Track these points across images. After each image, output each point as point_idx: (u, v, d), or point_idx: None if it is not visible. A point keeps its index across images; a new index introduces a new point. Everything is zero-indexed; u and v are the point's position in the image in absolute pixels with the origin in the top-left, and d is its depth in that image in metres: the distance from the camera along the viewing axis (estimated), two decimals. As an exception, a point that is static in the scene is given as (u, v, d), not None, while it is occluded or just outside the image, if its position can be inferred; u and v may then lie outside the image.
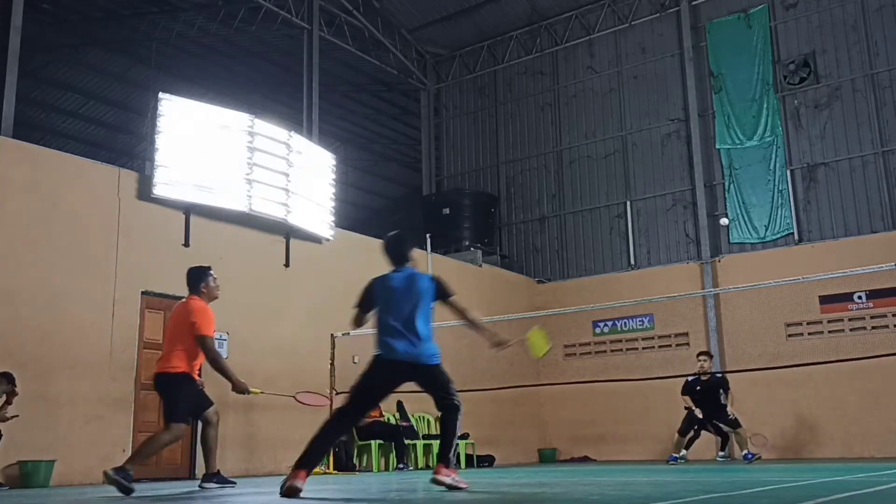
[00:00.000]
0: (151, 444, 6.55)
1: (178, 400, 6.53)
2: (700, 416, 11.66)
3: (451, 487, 5.39)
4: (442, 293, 5.74)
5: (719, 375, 12.37)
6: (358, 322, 5.85)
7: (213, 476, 6.96)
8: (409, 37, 18.97)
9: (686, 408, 11.85)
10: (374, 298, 5.71)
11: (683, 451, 11.94)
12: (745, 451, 11.41)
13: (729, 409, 11.62)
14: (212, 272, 7.09)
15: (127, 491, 6.09)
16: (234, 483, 7.19)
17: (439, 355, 5.73)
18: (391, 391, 5.73)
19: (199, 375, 6.96)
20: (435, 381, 5.68)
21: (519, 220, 18.15)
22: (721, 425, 11.80)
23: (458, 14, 18.31)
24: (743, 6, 15.81)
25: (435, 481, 5.41)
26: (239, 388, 6.79)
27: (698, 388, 11.79)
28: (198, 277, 6.99)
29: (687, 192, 16.02)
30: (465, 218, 17.28)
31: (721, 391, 11.78)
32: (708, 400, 11.70)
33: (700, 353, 12.28)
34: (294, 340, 11.93)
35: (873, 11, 14.59)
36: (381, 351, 5.60)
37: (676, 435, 11.90)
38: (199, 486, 6.97)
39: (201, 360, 6.77)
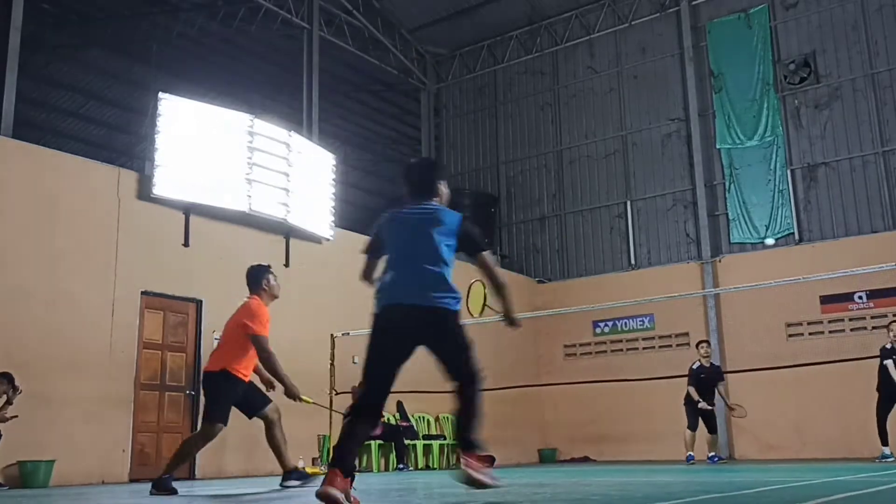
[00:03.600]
0: (187, 447, 6.52)
1: (215, 399, 6.42)
2: (707, 406, 11.55)
3: (481, 485, 4.28)
4: (469, 243, 4.51)
5: (717, 365, 12.43)
6: (367, 272, 4.59)
7: (290, 473, 6.74)
8: (409, 37, 18.96)
9: (686, 402, 11.70)
10: (383, 238, 4.46)
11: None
12: (711, 454, 11.55)
13: (727, 400, 11.68)
14: (272, 271, 6.97)
15: (172, 493, 6.20)
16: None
17: (460, 300, 4.34)
18: (405, 353, 4.39)
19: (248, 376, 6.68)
20: (452, 337, 4.34)
21: (519, 220, 18.15)
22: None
23: (458, 14, 18.30)
24: (743, 6, 15.80)
25: (467, 479, 4.24)
26: (290, 393, 6.58)
27: (702, 375, 11.72)
28: (258, 276, 6.90)
29: (687, 192, 16.02)
30: (465, 218, 17.26)
31: (718, 381, 11.81)
32: (709, 389, 11.68)
33: (700, 342, 12.25)
34: (294, 340, 11.89)
35: (873, 11, 14.58)
36: (380, 298, 4.32)
37: (686, 431, 11.69)
38: (280, 486, 6.77)
39: (251, 360, 6.59)
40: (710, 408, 11.56)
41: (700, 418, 11.67)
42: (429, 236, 4.29)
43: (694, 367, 11.83)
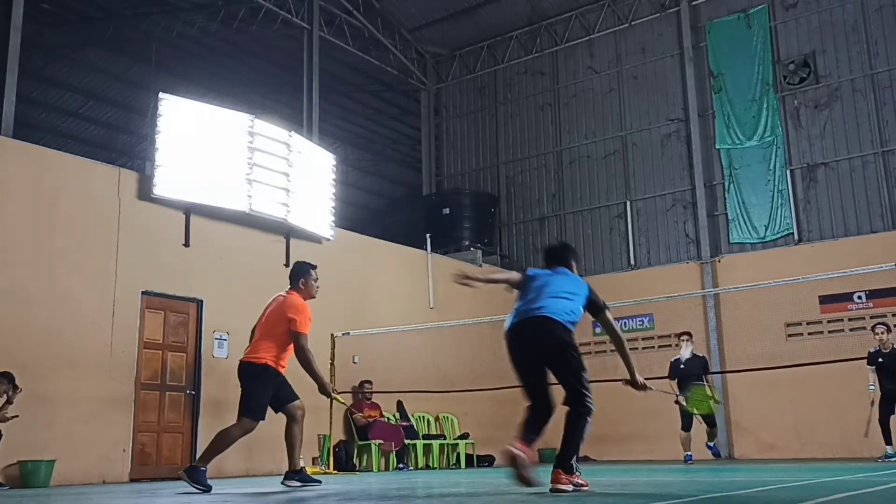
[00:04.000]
0: (222, 440, 6.48)
1: (254, 392, 6.43)
2: (683, 402, 11.16)
3: (560, 492, 4.81)
4: (594, 303, 5.54)
5: (701, 355, 12.04)
6: (509, 284, 5.61)
7: (295, 473, 6.73)
8: (409, 37, 18.97)
9: (676, 401, 11.30)
10: (527, 281, 5.49)
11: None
12: (709, 443, 11.46)
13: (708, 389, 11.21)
14: (315, 270, 6.97)
15: (206, 489, 6.22)
16: (319, 482, 6.91)
17: (573, 327, 5.35)
18: (533, 369, 5.26)
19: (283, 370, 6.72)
20: (566, 364, 5.22)
21: (519, 220, 18.15)
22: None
23: (458, 14, 18.31)
24: (743, 6, 15.80)
25: (554, 490, 4.80)
26: (325, 391, 6.62)
27: (682, 367, 11.51)
28: (300, 272, 6.92)
29: (687, 192, 16.03)
30: (465, 218, 17.28)
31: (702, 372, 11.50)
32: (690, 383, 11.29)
33: (681, 333, 11.98)
34: (294, 340, 11.92)
35: (873, 11, 14.59)
36: (507, 324, 5.35)
37: (681, 433, 11.57)
38: (282, 483, 6.75)
39: (290, 354, 6.60)
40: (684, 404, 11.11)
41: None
42: (566, 289, 5.42)
43: (672, 360, 11.68)
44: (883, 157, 14.17)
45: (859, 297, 13.58)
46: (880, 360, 10.51)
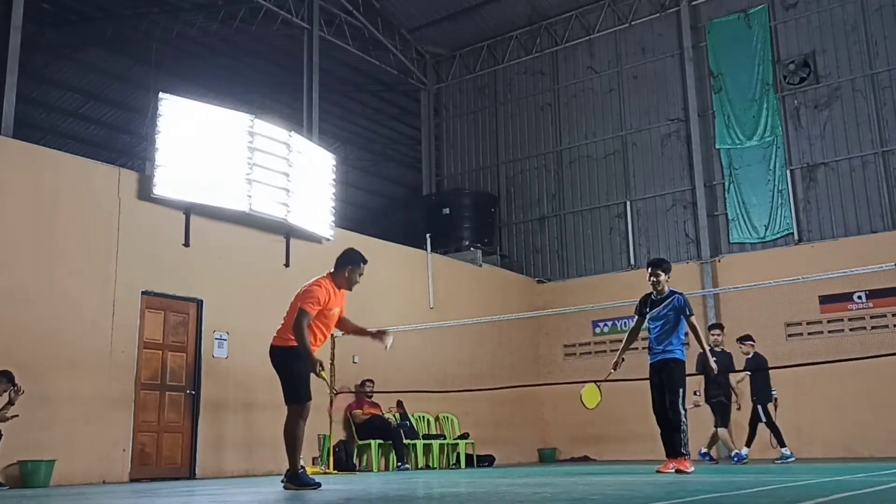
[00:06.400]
0: (292, 437, 6.44)
1: (292, 376, 6.42)
2: (699, 403, 11.02)
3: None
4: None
5: (728, 351, 11.59)
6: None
7: (294, 477, 6.56)
8: (409, 37, 18.97)
9: (695, 404, 10.97)
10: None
11: (745, 449, 11.28)
12: (704, 450, 11.21)
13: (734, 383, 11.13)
14: (362, 263, 6.94)
15: (315, 485, 6.26)
16: (318, 485, 6.64)
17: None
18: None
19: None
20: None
21: (519, 220, 18.16)
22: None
23: (458, 14, 18.31)
24: (743, 6, 15.81)
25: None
26: (311, 366, 6.49)
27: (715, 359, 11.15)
28: (350, 260, 6.90)
29: (687, 192, 16.03)
30: (465, 218, 17.29)
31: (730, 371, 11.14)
32: (723, 378, 10.95)
33: (712, 326, 11.67)
34: (294, 340, 11.93)
35: (873, 11, 14.59)
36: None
37: (720, 430, 11.18)
38: (281, 482, 6.63)
39: (315, 334, 6.61)
40: (699, 405, 11.00)
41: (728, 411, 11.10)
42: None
43: (700, 353, 11.38)
44: (883, 157, 14.18)
45: (859, 297, 13.59)
46: None
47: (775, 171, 15.04)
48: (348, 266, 6.91)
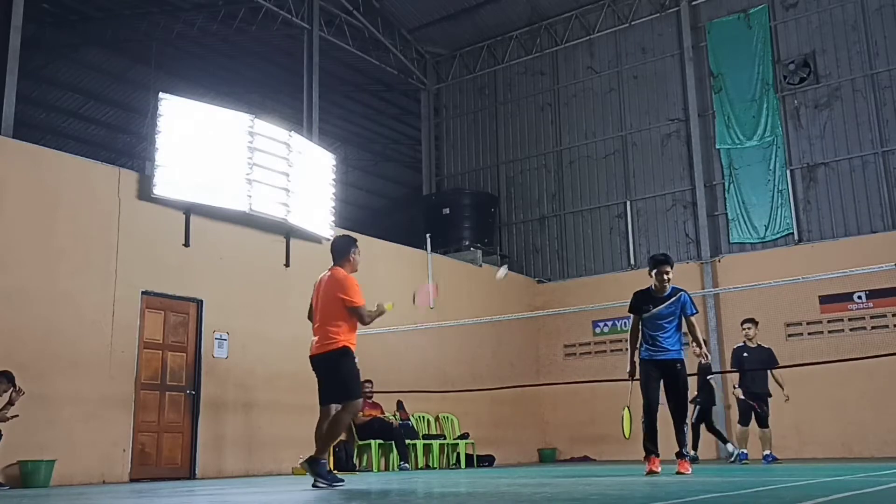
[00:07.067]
0: (337, 427, 6.46)
1: (346, 375, 6.47)
2: (742, 395, 10.55)
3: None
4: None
5: (767, 346, 10.96)
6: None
7: (319, 465, 6.54)
8: (409, 37, 18.97)
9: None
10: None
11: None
12: (765, 452, 10.67)
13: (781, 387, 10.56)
14: (357, 244, 7.04)
15: (339, 480, 6.30)
16: (342, 481, 6.62)
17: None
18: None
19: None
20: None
21: (519, 220, 18.16)
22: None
23: (458, 14, 18.31)
24: (743, 6, 15.81)
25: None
26: (381, 311, 6.77)
27: (745, 355, 10.71)
28: (345, 247, 6.96)
29: (687, 192, 16.03)
30: (465, 218, 17.29)
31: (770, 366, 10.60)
32: (758, 374, 10.51)
33: (745, 321, 11.12)
34: (294, 340, 11.92)
35: (873, 11, 14.59)
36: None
37: (738, 426, 10.87)
38: (310, 475, 6.51)
39: (356, 329, 6.68)
40: (742, 398, 10.49)
41: (752, 411, 10.51)
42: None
43: (735, 347, 10.93)
44: (883, 157, 14.17)
45: (859, 297, 13.58)
46: None
47: (775, 171, 15.04)
48: (350, 249, 6.99)
